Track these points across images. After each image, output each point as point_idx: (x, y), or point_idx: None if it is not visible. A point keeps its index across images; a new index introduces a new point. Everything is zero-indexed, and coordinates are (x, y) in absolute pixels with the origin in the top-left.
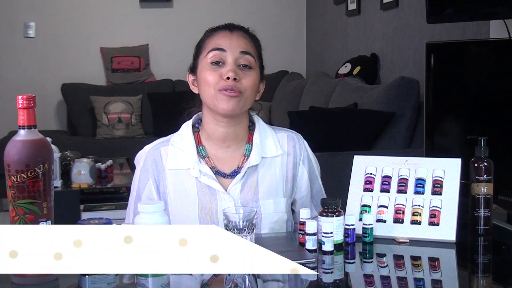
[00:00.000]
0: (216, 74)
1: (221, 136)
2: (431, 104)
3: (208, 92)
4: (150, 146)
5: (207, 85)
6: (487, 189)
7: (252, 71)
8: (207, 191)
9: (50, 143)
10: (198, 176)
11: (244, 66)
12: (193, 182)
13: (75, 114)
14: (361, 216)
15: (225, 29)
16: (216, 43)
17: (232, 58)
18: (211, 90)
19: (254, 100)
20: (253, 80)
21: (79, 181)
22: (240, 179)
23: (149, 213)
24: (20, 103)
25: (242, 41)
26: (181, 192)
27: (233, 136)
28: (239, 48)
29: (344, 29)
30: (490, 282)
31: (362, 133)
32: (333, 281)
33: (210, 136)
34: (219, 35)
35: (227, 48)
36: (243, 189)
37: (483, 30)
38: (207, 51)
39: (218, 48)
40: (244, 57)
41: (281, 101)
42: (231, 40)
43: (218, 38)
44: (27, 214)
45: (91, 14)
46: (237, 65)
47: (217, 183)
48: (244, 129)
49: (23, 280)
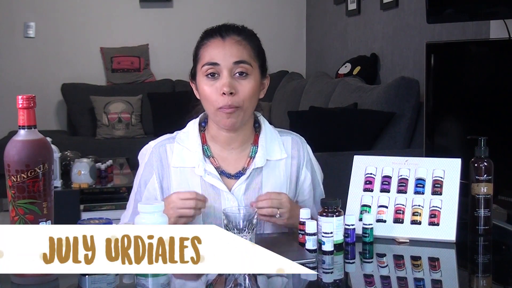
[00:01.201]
0: (213, 88)
1: (226, 139)
2: (431, 104)
3: (209, 108)
4: (155, 142)
5: (206, 100)
6: (487, 189)
7: (249, 78)
8: (211, 191)
9: (50, 143)
10: (202, 175)
11: (241, 74)
12: (198, 181)
13: (75, 114)
14: (361, 216)
15: (217, 35)
16: (210, 56)
17: (227, 69)
18: (211, 107)
19: (256, 103)
20: (250, 88)
21: (79, 181)
22: (244, 180)
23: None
24: (20, 103)
25: (235, 49)
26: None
27: (237, 139)
28: (233, 58)
29: (344, 29)
30: (490, 282)
31: (362, 133)
32: (333, 281)
33: (215, 138)
34: (212, 44)
35: (220, 61)
36: (247, 190)
37: (483, 30)
38: (202, 64)
39: (211, 62)
40: (239, 66)
41: (281, 101)
42: (224, 50)
43: (211, 49)
44: (27, 214)
45: (91, 14)
46: (232, 75)
47: (222, 183)
48: (249, 131)
49: (23, 280)
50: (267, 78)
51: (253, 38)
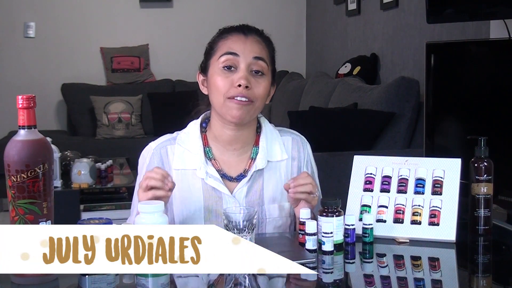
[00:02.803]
0: (227, 80)
1: (229, 139)
2: (431, 104)
3: (218, 99)
4: (156, 143)
5: (217, 91)
6: (487, 189)
7: (264, 78)
8: (212, 193)
9: (50, 143)
10: (204, 177)
11: (256, 72)
12: (199, 183)
13: (75, 114)
14: (361, 216)
15: (239, 31)
16: (230, 46)
17: (245, 63)
18: (220, 97)
19: (263, 106)
20: (264, 87)
21: (79, 181)
22: (246, 183)
23: (149, 213)
24: (20, 103)
25: (256, 46)
26: (187, 193)
27: (240, 139)
28: (253, 53)
29: (344, 29)
30: (490, 282)
31: (362, 133)
32: (333, 281)
33: (217, 138)
34: (233, 38)
35: (240, 53)
36: (248, 192)
37: (483, 30)
38: (219, 54)
39: (231, 52)
40: (258, 63)
41: (281, 101)
42: (245, 44)
43: (232, 42)
44: (27, 214)
45: (91, 14)
46: (249, 71)
47: (223, 186)
48: (252, 132)
49: (23, 280)
50: (274, 86)
51: (271, 44)
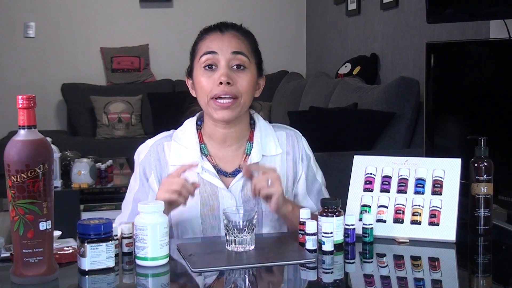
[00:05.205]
0: (210, 80)
1: (222, 137)
2: (431, 104)
3: (203, 100)
4: (153, 141)
5: (202, 92)
6: (487, 189)
7: (246, 71)
8: (208, 188)
9: (50, 143)
10: (200, 172)
11: (238, 67)
12: (195, 179)
13: (75, 114)
14: (361, 216)
15: (216, 30)
16: (208, 45)
17: (225, 60)
18: (205, 98)
19: (252, 99)
20: (248, 81)
21: (79, 181)
22: (241, 177)
23: (149, 213)
24: (20, 103)
25: (233, 41)
26: None
27: (233, 135)
28: (231, 48)
29: (344, 29)
30: (490, 282)
31: (362, 133)
32: (333, 281)
33: (211, 136)
34: (211, 37)
35: (218, 50)
36: (244, 187)
37: (483, 30)
38: (200, 55)
39: (209, 51)
40: (237, 57)
41: (281, 101)
42: (223, 41)
43: (209, 41)
44: (27, 214)
45: (91, 14)
46: (230, 67)
47: (219, 180)
48: (245, 128)
49: (23, 280)
50: (263, 78)
51: (251, 36)
